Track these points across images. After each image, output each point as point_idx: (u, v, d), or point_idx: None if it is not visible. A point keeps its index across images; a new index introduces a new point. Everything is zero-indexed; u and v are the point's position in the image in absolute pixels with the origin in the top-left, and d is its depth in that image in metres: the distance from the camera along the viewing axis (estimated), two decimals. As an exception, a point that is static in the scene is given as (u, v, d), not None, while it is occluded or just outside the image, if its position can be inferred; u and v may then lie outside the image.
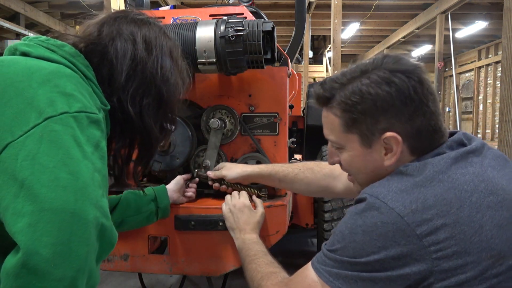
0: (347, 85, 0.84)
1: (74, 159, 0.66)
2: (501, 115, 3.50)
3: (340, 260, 0.79)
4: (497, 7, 9.40)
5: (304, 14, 1.97)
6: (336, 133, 0.90)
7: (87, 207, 0.64)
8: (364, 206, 0.79)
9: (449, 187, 0.75)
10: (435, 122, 0.83)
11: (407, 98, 0.80)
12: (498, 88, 11.88)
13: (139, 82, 0.90)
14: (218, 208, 1.37)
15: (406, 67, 0.82)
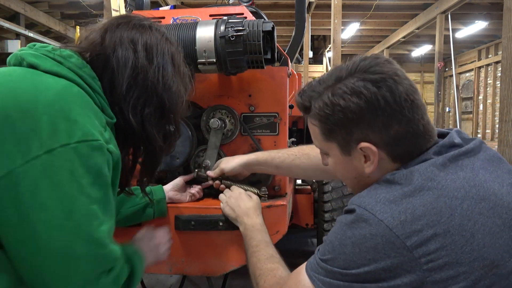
0: (322, 95, 0.84)
1: (69, 197, 0.71)
2: (501, 115, 3.50)
3: (331, 271, 0.79)
4: (497, 7, 9.40)
5: (304, 14, 1.97)
6: (319, 141, 0.91)
7: (79, 245, 0.72)
8: (353, 217, 0.78)
9: (438, 195, 0.74)
10: (415, 128, 0.80)
11: (377, 109, 0.78)
12: (498, 88, 11.89)
13: (140, 91, 0.90)
14: (218, 208, 1.37)
15: (377, 75, 0.79)
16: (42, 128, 0.70)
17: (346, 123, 0.81)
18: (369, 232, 0.74)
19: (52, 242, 0.70)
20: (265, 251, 1.12)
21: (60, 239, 0.70)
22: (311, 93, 0.87)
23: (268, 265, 1.06)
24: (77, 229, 0.72)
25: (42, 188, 0.69)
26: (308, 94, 0.88)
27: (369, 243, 0.73)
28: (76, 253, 0.72)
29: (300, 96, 0.90)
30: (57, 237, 0.70)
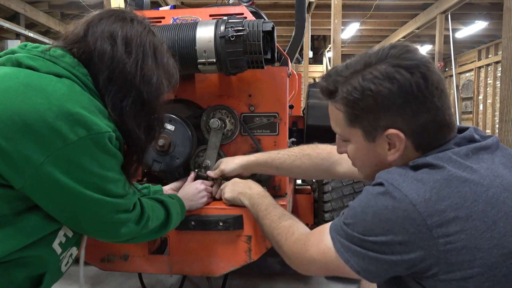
0: (350, 80, 0.83)
1: (94, 174, 0.85)
2: (501, 115, 3.50)
3: (351, 234, 0.80)
4: (497, 7, 9.39)
5: (304, 14, 1.97)
6: (341, 127, 0.90)
7: (109, 210, 0.90)
8: (379, 189, 0.79)
9: (465, 179, 0.74)
10: (441, 118, 0.80)
11: (409, 95, 0.78)
12: (498, 88, 11.88)
13: (119, 84, 0.93)
14: (218, 208, 1.37)
15: (410, 61, 0.79)
16: (59, 126, 0.78)
17: (375, 108, 0.80)
18: (392, 205, 0.75)
19: (89, 207, 0.86)
20: (275, 212, 1.14)
21: (94, 202, 0.86)
22: (337, 78, 0.86)
23: (282, 223, 1.07)
24: (106, 192, 0.87)
25: (71, 171, 0.81)
26: (334, 79, 0.86)
27: (390, 215, 0.74)
28: (105, 205, 0.88)
29: (324, 80, 0.89)
30: (94, 203, 0.86)
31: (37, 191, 0.81)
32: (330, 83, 0.87)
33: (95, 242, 1.42)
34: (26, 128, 0.77)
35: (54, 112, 0.78)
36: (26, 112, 0.77)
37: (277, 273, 2.35)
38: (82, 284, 1.27)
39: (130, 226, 0.97)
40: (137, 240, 1.06)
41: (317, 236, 0.91)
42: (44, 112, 0.78)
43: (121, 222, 0.94)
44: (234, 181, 1.38)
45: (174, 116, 1.41)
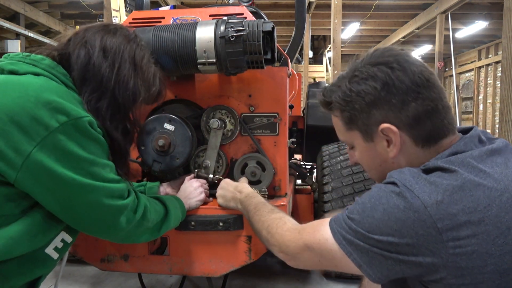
0: (341, 86, 0.89)
1: (81, 158, 0.87)
2: (501, 115, 3.50)
3: (355, 230, 0.79)
4: (497, 7, 9.39)
5: (304, 14, 1.97)
6: (342, 133, 0.94)
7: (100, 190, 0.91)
8: (393, 188, 0.78)
9: (478, 183, 0.73)
10: (432, 107, 0.81)
11: (392, 88, 0.81)
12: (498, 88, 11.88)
13: (93, 85, 0.98)
14: (218, 208, 1.37)
15: (389, 58, 0.83)
16: (41, 114, 0.82)
17: (365, 106, 0.84)
18: (403, 205, 0.74)
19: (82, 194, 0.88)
20: (265, 208, 1.14)
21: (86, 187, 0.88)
22: (332, 88, 0.92)
23: (272, 215, 1.07)
24: (95, 176, 0.89)
25: (60, 158, 0.84)
26: (329, 90, 0.92)
27: (400, 215, 0.74)
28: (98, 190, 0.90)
29: (323, 94, 0.95)
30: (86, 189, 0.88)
31: (31, 182, 0.83)
32: (327, 95, 0.93)
33: (96, 242, 1.43)
34: (10, 121, 0.81)
35: (32, 102, 0.83)
36: (7, 106, 0.82)
37: (277, 273, 2.35)
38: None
39: (128, 215, 0.98)
40: (141, 237, 1.07)
41: (314, 226, 0.91)
42: (23, 103, 0.82)
43: (118, 209, 0.95)
44: (224, 185, 1.37)
45: (174, 117, 1.41)
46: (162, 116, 1.41)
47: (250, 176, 1.48)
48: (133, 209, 1.00)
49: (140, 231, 1.05)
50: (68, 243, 0.99)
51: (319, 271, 2.35)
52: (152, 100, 1.16)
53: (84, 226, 0.96)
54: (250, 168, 1.49)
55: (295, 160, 2.85)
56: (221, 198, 1.35)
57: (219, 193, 1.37)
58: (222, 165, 1.52)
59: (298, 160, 2.87)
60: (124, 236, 1.01)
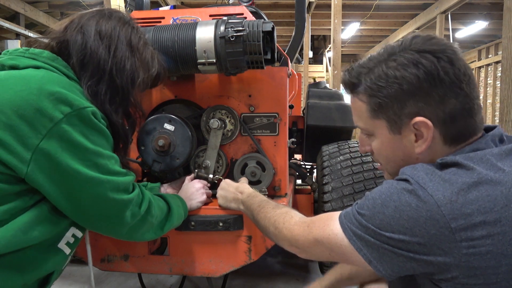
0: (373, 69, 0.81)
1: (87, 150, 0.88)
2: (501, 115, 3.50)
3: (366, 226, 0.77)
4: (497, 7, 9.39)
5: (304, 14, 1.97)
6: (364, 120, 0.87)
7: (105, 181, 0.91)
8: (405, 185, 0.75)
9: (496, 182, 0.70)
10: (470, 106, 0.77)
11: (436, 79, 0.75)
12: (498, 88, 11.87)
13: (91, 69, 0.98)
14: (218, 208, 1.37)
15: (436, 46, 0.77)
16: (44, 106, 0.83)
17: (401, 95, 0.78)
18: (416, 203, 0.72)
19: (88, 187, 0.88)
20: (269, 205, 1.12)
21: (92, 180, 0.88)
22: (360, 69, 0.84)
23: (278, 211, 1.06)
24: (101, 169, 0.89)
25: (66, 148, 0.85)
26: (357, 71, 0.85)
27: (412, 213, 0.71)
28: (103, 184, 0.90)
29: (348, 73, 0.87)
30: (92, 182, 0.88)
31: (40, 176, 0.84)
32: (353, 75, 0.85)
33: (96, 242, 1.42)
34: (15, 115, 0.82)
35: (35, 94, 0.83)
36: (11, 101, 0.83)
37: (277, 273, 2.35)
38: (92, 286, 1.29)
39: (133, 210, 0.98)
40: (145, 235, 1.07)
41: (323, 220, 0.89)
42: (26, 96, 0.83)
43: (124, 204, 0.95)
44: (225, 186, 1.36)
45: (174, 117, 1.41)
46: (162, 116, 1.41)
47: (250, 176, 1.48)
48: (138, 204, 1.00)
49: (144, 227, 1.04)
50: (78, 238, 1.00)
51: (319, 271, 2.35)
52: (152, 82, 1.16)
53: (89, 221, 0.96)
54: (250, 168, 1.49)
55: (295, 160, 2.84)
56: (222, 199, 1.35)
57: (219, 194, 1.37)
58: (222, 165, 1.52)
59: (298, 160, 2.87)
60: (128, 232, 1.01)
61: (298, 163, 2.73)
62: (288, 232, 0.97)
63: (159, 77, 1.17)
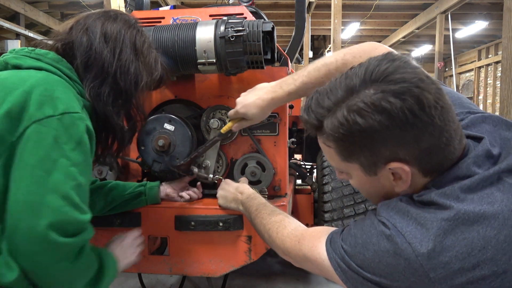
0: (334, 112, 0.73)
1: (50, 159, 0.80)
2: (501, 115, 3.50)
3: (348, 262, 0.77)
4: (497, 7, 9.39)
5: (304, 14, 1.97)
6: (336, 162, 0.81)
7: (52, 198, 0.79)
8: (382, 229, 0.73)
9: (473, 222, 0.66)
10: (447, 136, 0.71)
11: (405, 124, 0.68)
12: (498, 88, 11.88)
13: (95, 71, 0.98)
14: (218, 208, 1.37)
15: (399, 85, 0.68)
16: (30, 104, 0.82)
17: (370, 143, 0.71)
18: (394, 250, 0.70)
19: (27, 195, 0.78)
20: (265, 210, 1.14)
21: (36, 192, 0.78)
22: (319, 110, 0.76)
23: (273, 218, 1.07)
24: (54, 186, 0.79)
25: (28, 150, 0.80)
26: (316, 112, 0.76)
27: (391, 260, 0.70)
28: (48, 204, 0.78)
29: (306, 114, 0.79)
30: (33, 191, 0.78)
31: (9, 170, 0.81)
32: (312, 117, 0.77)
33: (95, 241, 1.42)
34: (7, 111, 0.81)
35: (26, 92, 0.83)
36: (6, 101, 0.82)
37: (277, 273, 2.35)
38: None
39: (67, 258, 0.81)
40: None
41: (313, 239, 0.90)
42: (18, 94, 0.83)
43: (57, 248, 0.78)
44: (225, 186, 1.37)
45: (174, 117, 1.41)
46: (162, 116, 1.41)
47: (250, 176, 1.48)
48: (75, 253, 0.83)
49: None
50: None
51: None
52: (154, 85, 1.16)
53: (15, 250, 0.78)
54: (250, 168, 1.49)
55: (295, 160, 2.84)
56: (222, 199, 1.35)
57: (220, 194, 1.37)
58: (222, 165, 1.52)
59: (298, 160, 2.87)
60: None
61: (298, 163, 2.73)
62: (280, 243, 0.99)
63: (162, 80, 1.17)
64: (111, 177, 1.53)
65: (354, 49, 1.08)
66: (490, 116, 0.81)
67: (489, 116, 0.81)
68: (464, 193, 0.69)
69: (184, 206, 1.40)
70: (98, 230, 1.42)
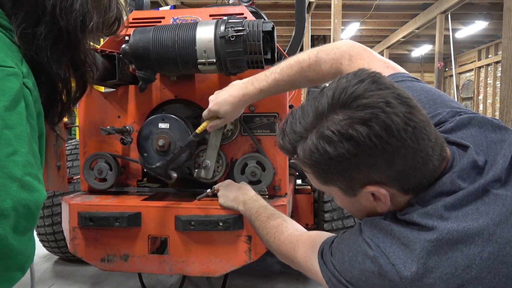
0: (305, 139, 0.73)
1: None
2: (501, 115, 3.51)
3: (338, 278, 0.80)
4: (497, 7, 9.40)
5: (304, 14, 1.97)
6: (316, 184, 0.81)
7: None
8: (366, 250, 0.73)
9: (456, 241, 0.65)
10: (423, 156, 0.69)
11: (373, 150, 0.67)
12: (498, 88, 11.88)
13: (28, 8, 0.78)
14: (218, 208, 1.37)
15: (364, 112, 0.66)
16: None
17: (342, 170, 0.71)
18: (378, 272, 0.70)
19: None
20: (265, 213, 1.16)
21: None
22: (293, 136, 0.76)
23: (271, 222, 1.09)
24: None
25: None
26: (290, 137, 0.77)
27: (376, 281, 0.71)
28: None
29: (282, 140, 0.79)
30: None
31: None
32: (286, 143, 0.77)
33: (95, 241, 1.43)
34: None
35: None
36: None
37: (277, 273, 2.35)
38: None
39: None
40: None
41: (306, 248, 0.92)
42: None
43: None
44: (228, 185, 1.39)
45: (166, 114, 1.42)
46: (154, 118, 1.42)
47: (250, 176, 1.48)
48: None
49: None
50: None
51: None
52: (109, 29, 0.98)
53: None
54: (250, 168, 1.49)
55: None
56: (223, 198, 1.35)
57: (221, 193, 1.38)
58: (222, 165, 1.52)
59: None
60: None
61: (298, 163, 2.73)
62: (277, 248, 1.02)
63: (119, 23, 1.00)
64: (111, 177, 1.54)
65: (329, 46, 1.08)
66: (476, 117, 0.79)
67: (474, 117, 0.79)
68: (448, 211, 0.68)
69: (184, 206, 1.40)
70: (98, 230, 1.44)
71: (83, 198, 1.50)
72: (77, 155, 2.09)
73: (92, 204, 1.43)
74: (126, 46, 1.34)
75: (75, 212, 1.41)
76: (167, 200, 1.47)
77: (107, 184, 1.55)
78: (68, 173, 1.69)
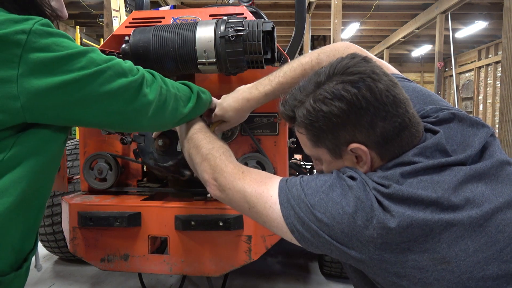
0: (304, 103, 0.84)
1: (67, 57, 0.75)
2: (501, 115, 3.50)
3: (304, 200, 0.80)
4: (497, 7, 9.40)
5: (304, 14, 1.97)
6: (308, 148, 0.91)
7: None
8: (349, 182, 0.79)
9: (405, 199, 0.74)
10: (400, 122, 0.79)
11: (360, 109, 0.78)
12: (498, 88, 11.89)
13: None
14: (218, 208, 1.37)
15: (354, 76, 0.79)
16: (3, 35, 0.70)
17: (332, 127, 0.81)
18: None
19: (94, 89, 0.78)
20: (217, 141, 1.09)
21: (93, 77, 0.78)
22: (293, 102, 0.87)
23: (223, 146, 1.04)
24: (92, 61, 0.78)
25: (47, 68, 0.73)
26: (290, 104, 0.88)
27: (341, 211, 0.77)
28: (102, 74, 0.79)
29: (283, 106, 0.90)
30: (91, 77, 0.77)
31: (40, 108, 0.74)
32: (288, 108, 0.88)
33: (96, 242, 1.43)
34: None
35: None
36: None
37: (277, 273, 2.35)
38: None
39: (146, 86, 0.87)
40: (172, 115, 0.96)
41: (263, 177, 0.91)
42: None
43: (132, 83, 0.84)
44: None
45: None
46: None
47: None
48: (151, 79, 0.90)
49: (167, 103, 0.94)
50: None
51: (319, 271, 2.35)
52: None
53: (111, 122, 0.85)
54: (250, 168, 1.49)
55: (295, 160, 2.85)
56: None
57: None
58: (222, 165, 1.52)
59: (298, 160, 2.87)
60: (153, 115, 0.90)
61: (298, 163, 2.73)
62: (221, 163, 0.97)
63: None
64: (111, 177, 1.54)
65: (327, 48, 1.16)
66: (457, 114, 0.87)
67: (455, 114, 0.87)
68: (403, 178, 0.76)
69: (184, 206, 1.40)
70: (98, 230, 1.45)
71: (83, 198, 1.51)
72: (77, 155, 2.09)
73: (92, 204, 1.43)
74: (126, 46, 1.34)
75: (75, 212, 1.41)
76: (167, 200, 1.47)
77: (107, 184, 1.55)
78: (68, 173, 1.70)
